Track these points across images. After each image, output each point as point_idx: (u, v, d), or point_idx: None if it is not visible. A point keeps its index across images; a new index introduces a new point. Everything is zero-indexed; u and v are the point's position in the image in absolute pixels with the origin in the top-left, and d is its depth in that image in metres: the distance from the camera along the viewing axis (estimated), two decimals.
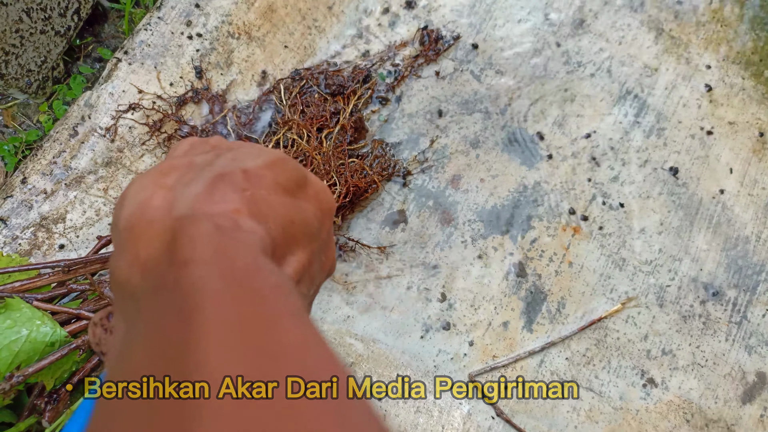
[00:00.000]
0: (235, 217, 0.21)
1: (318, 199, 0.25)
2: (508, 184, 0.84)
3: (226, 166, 0.23)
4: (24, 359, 0.54)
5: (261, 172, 0.23)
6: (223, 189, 0.22)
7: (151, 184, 0.22)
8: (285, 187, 0.23)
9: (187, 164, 0.23)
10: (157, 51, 0.76)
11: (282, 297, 0.18)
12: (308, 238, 0.24)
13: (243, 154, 0.24)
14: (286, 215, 0.23)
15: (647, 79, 0.90)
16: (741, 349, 0.80)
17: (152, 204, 0.21)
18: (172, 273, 0.18)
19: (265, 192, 0.22)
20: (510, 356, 0.77)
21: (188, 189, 0.21)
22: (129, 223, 0.21)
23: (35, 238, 0.67)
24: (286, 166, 0.24)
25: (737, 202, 0.86)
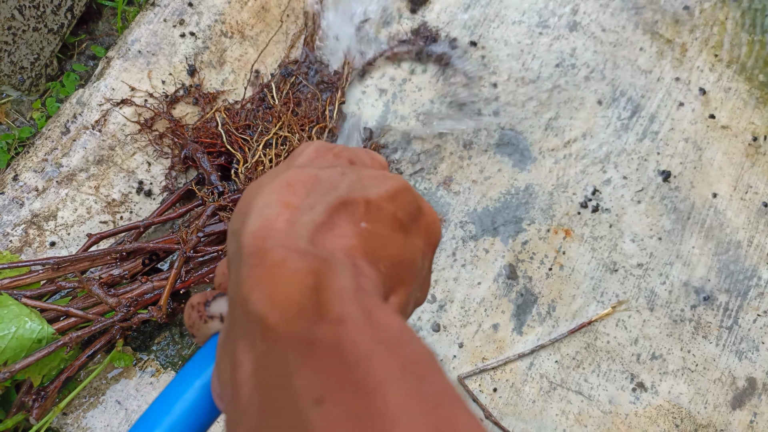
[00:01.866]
0: (353, 257, 0.21)
1: (428, 231, 0.25)
2: (500, 186, 0.84)
3: (350, 192, 0.23)
4: (11, 356, 0.54)
5: (382, 204, 0.23)
6: (343, 220, 0.22)
7: (277, 201, 0.22)
8: (401, 223, 0.24)
9: (312, 179, 0.23)
10: (150, 49, 0.77)
11: (439, 372, 0.18)
12: (412, 276, 0.24)
13: (368, 177, 0.24)
14: (397, 256, 0.23)
15: (641, 82, 0.90)
16: (731, 354, 0.80)
17: (277, 226, 0.21)
18: (327, 330, 0.18)
19: (382, 228, 0.23)
20: (499, 358, 0.77)
21: (311, 214, 0.22)
22: (256, 242, 0.21)
23: (26, 236, 0.67)
24: (407, 197, 0.24)
25: (729, 206, 0.86)
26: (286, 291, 0.19)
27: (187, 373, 0.24)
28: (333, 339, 0.17)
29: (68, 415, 0.62)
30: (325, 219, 0.21)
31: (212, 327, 0.25)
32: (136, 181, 0.72)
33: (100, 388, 0.65)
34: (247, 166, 0.70)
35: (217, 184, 0.68)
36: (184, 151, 0.71)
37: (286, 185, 0.23)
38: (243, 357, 0.19)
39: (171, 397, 0.23)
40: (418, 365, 0.17)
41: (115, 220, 0.70)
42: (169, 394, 0.23)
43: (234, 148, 0.72)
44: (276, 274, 0.19)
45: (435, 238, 0.26)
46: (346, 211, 0.22)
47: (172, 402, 0.23)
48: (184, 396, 0.23)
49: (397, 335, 0.18)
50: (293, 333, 0.18)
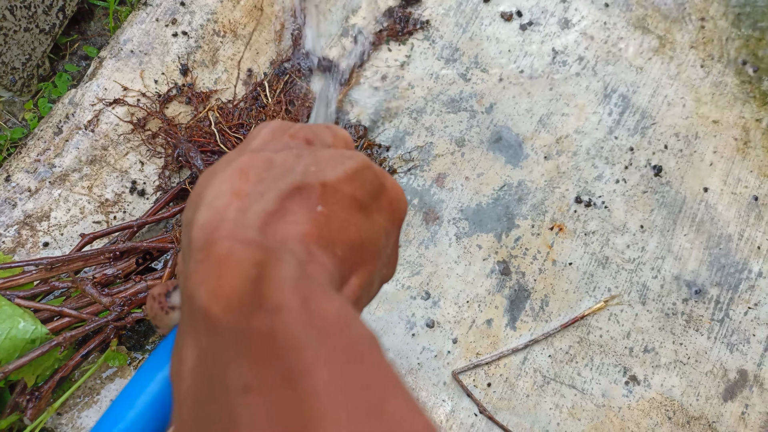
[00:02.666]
0: (306, 244, 0.21)
1: (391, 208, 0.25)
2: (493, 182, 0.85)
3: (305, 176, 0.22)
4: (4, 356, 0.55)
5: (340, 186, 0.23)
6: (297, 206, 0.21)
7: (228, 190, 0.22)
8: (361, 203, 0.23)
9: (265, 164, 0.23)
10: (142, 49, 0.77)
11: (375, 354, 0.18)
12: (373, 256, 0.24)
13: (324, 159, 0.23)
14: (356, 237, 0.23)
15: (632, 78, 0.91)
16: (723, 346, 0.81)
17: (227, 216, 0.21)
18: (262, 319, 0.18)
19: (340, 210, 0.22)
20: (493, 354, 0.78)
21: (262, 202, 0.21)
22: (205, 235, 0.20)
23: (19, 236, 0.68)
24: (366, 177, 0.24)
25: (720, 200, 0.86)
26: (228, 284, 0.19)
27: (150, 366, 0.24)
28: (268, 328, 0.17)
29: (63, 415, 0.62)
30: (277, 206, 0.21)
31: (174, 318, 0.25)
32: (129, 180, 0.73)
33: (94, 388, 0.65)
34: None
35: None
36: (177, 151, 0.71)
37: (239, 172, 0.22)
38: (187, 352, 0.19)
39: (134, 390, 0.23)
40: (353, 349, 0.17)
41: (109, 220, 0.70)
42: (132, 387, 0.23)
43: (227, 147, 0.72)
44: (220, 268, 0.19)
45: (399, 214, 0.26)
46: (301, 197, 0.22)
47: (135, 395, 0.23)
48: (147, 389, 0.23)
49: (335, 321, 0.18)
50: (233, 325, 0.18)
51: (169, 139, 0.72)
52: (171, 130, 0.72)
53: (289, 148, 0.24)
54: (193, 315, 0.19)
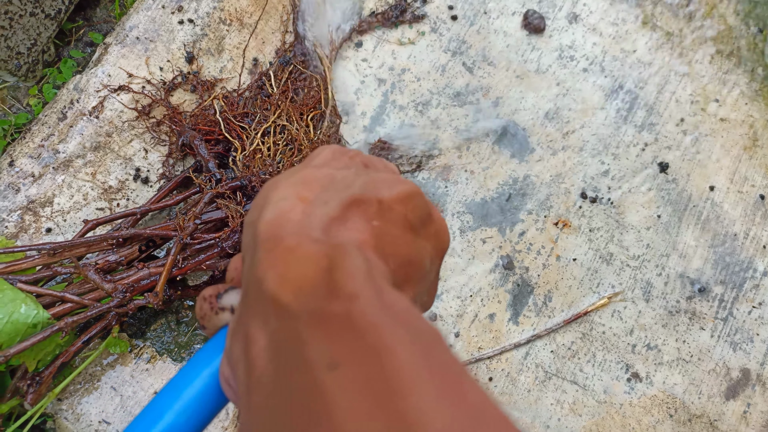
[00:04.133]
0: (364, 250, 0.22)
1: (437, 238, 0.26)
2: (498, 176, 0.84)
3: (364, 191, 0.24)
4: (6, 340, 0.54)
5: (394, 205, 0.24)
6: (356, 216, 0.23)
7: (293, 195, 0.23)
8: (412, 224, 0.24)
9: (327, 178, 0.24)
10: (148, 36, 0.76)
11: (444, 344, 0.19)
12: (418, 279, 0.25)
13: (380, 179, 0.25)
14: (406, 255, 0.24)
15: (640, 74, 0.90)
16: (726, 345, 0.81)
17: (292, 217, 0.22)
18: (339, 305, 0.18)
19: (393, 227, 0.23)
20: (495, 348, 0.78)
21: (325, 208, 0.22)
22: (272, 230, 0.21)
23: (22, 221, 0.67)
24: (418, 202, 0.25)
25: (726, 198, 0.86)
26: (300, 271, 0.20)
27: (197, 363, 0.25)
28: (345, 312, 0.18)
29: (63, 401, 0.62)
30: (339, 213, 0.22)
31: (222, 318, 0.25)
32: (133, 168, 0.72)
33: (95, 374, 0.65)
34: (245, 153, 0.70)
35: (214, 171, 0.68)
36: (181, 139, 0.70)
37: (302, 182, 0.24)
38: (257, 334, 0.20)
39: (180, 384, 0.24)
40: (426, 337, 0.18)
41: (112, 207, 0.70)
42: (179, 381, 0.24)
43: (232, 136, 0.71)
44: (290, 257, 0.20)
45: (443, 245, 0.27)
46: (359, 209, 0.23)
47: (181, 389, 0.24)
48: (193, 384, 0.24)
49: (406, 312, 0.19)
50: (306, 309, 0.19)
51: (174, 127, 0.72)
52: (176, 117, 0.71)
53: (348, 168, 0.26)
54: (260, 300, 0.20)
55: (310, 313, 0.19)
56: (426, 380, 0.16)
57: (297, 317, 0.19)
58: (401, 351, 0.17)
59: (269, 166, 0.69)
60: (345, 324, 0.18)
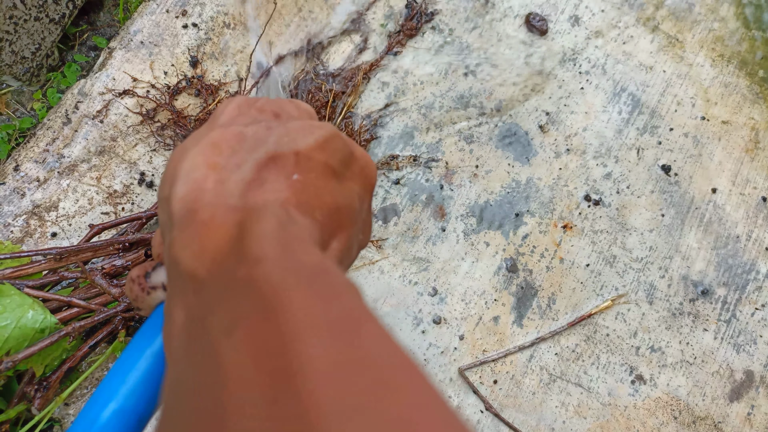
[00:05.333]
0: (286, 208, 0.21)
1: (362, 175, 0.26)
2: (501, 179, 0.84)
3: (278, 146, 0.23)
4: (13, 345, 0.54)
5: (312, 153, 0.23)
6: (274, 174, 0.22)
7: (203, 163, 0.22)
8: (334, 170, 0.24)
9: (237, 137, 0.23)
10: (152, 40, 0.76)
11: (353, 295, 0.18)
12: (350, 221, 0.24)
13: (295, 129, 0.24)
14: (333, 203, 0.23)
15: (642, 77, 0.90)
16: (729, 347, 0.81)
17: (206, 187, 0.21)
18: (244, 270, 0.18)
19: (315, 177, 0.23)
20: (500, 351, 0.78)
21: (239, 172, 0.22)
22: (186, 206, 0.21)
23: (27, 226, 0.67)
24: (337, 144, 0.24)
25: (729, 201, 0.86)
26: (211, 244, 0.19)
27: (137, 343, 0.24)
28: (247, 276, 0.18)
29: (70, 406, 0.62)
30: (255, 176, 0.21)
31: (156, 297, 0.25)
32: (137, 172, 0.72)
33: (101, 379, 0.65)
34: None
35: None
36: None
37: (211, 146, 0.22)
38: (177, 313, 0.20)
39: (124, 367, 0.24)
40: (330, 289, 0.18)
41: (117, 211, 0.70)
42: (122, 364, 0.24)
43: None
44: (203, 231, 0.20)
45: (370, 180, 0.26)
46: (276, 166, 0.22)
47: (125, 372, 0.23)
48: (137, 365, 0.24)
49: (313, 268, 0.18)
50: (217, 280, 0.19)
51: (179, 131, 0.72)
52: (180, 122, 0.71)
53: (258, 122, 0.25)
54: (179, 279, 0.20)
55: (218, 283, 0.19)
56: (319, 329, 0.16)
57: (208, 289, 0.19)
58: (298, 306, 0.16)
59: None
60: (246, 288, 0.17)
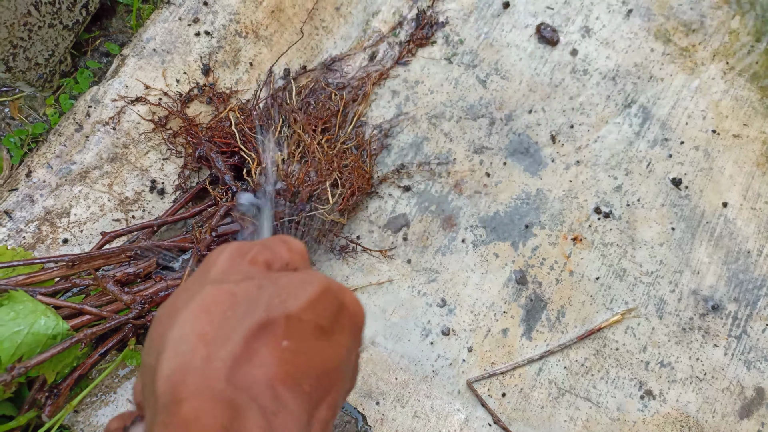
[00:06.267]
0: (273, 387, 0.21)
1: (352, 324, 0.26)
2: (511, 190, 0.84)
3: (269, 309, 0.23)
4: (26, 351, 0.54)
5: (303, 315, 0.23)
6: (263, 344, 0.22)
7: (193, 333, 0.22)
8: (323, 329, 0.24)
9: (228, 298, 0.23)
10: (165, 48, 0.77)
11: None
12: (339, 380, 0.24)
13: (286, 286, 0.24)
14: (321, 366, 0.23)
15: (653, 89, 0.90)
16: (740, 363, 0.80)
17: (193, 365, 0.21)
18: None
19: (304, 341, 0.23)
20: (509, 364, 0.77)
21: (229, 346, 0.21)
22: (171, 390, 0.20)
23: (39, 232, 0.67)
24: (327, 300, 0.24)
25: (740, 215, 0.86)
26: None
27: None
28: None
29: (80, 413, 0.62)
30: (243, 349, 0.21)
31: None
32: (149, 179, 0.72)
33: (111, 387, 0.65)
34: (261, 167, 0.70)
35: (231, 184, 0.68)
36: (198, 151, 0.71)
37: (202, 310, 0.22)
38: None
39: None
40: None
41: (128, 218, 0.70)
42: None
43: (247, 148, 0.72)
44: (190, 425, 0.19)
45: (359, 326, 0.26)
46: (266, 334, 0.22)
47: None
48: None
49: None
50: None
51: (190, 139, 0.72)
52: (192, 129, 0.72)
53: (250, 278, 0.24)
54: None
55: None
56: None
57: None
58: None
59: (283, 177, 0.69)
60: None
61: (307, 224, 0.71)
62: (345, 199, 0.73)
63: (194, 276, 0.26)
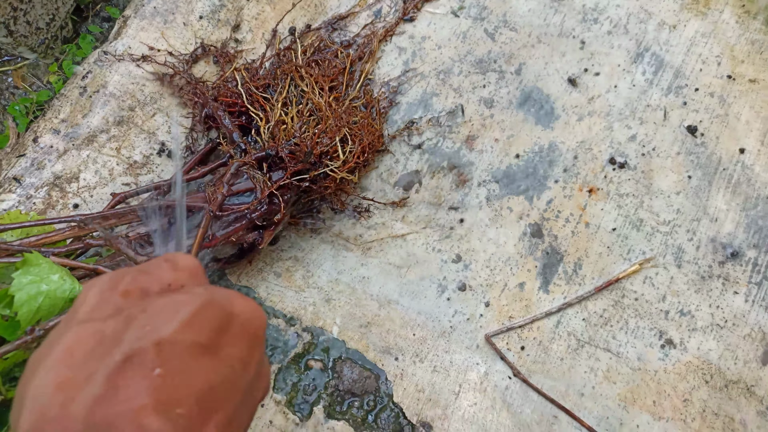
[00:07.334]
0: (139, 421, 0.20)
1: (244, 332, 0.24)
2: (524, 144, 0.83)
3: (137, 341, 0.21)
4: (44, 314, 0.54)
5: (177, 337, 0.22)
6: (130, 378, 0.20)
7: (52, 382, 0.20)
8: (204, 346, 0.22)
9: (93, 338, 0.22)
10: (167, 8, 0.75)
11: None
12: (229, 396, 0.23)
13: (157, 313, 0.22)
14: (204, 385, 0.22)
15: (665, 36, 0.88)
16: (761, 309, 0.79)
17: (50, 415, 0.20)
18: None
19: (181, 362, 0.21)
20: (526, 317, 0.77)
21: (90, 388, 0.20)
22: None
23: (49, 197, 0.67)
24: (206, 315, 0.23)
25: (757, 161, 0.84)
26: None
27: None
28: None
29: None
30: (105, 388, 0.20)
31: None
32: (157, 142, 0.71)
33: None
34: (269, 125, 0.69)
35: (239, 141, 0.67)
36: (204, 110, 0.69)
37: (64, 355, 0.21)
38: None
39: None
40: None
41: (138, 182, 0.69)
42: None
43: (255, 107, 0.70)
44: None
45: (256, 332, 0.25)
46: (133, 366, 0.21)
47: None
48: None
49: None
50: None
51: (197, 99, 0.71)
52: (198, 89, 0.70)
53: (120, 312, 0.23)
54: None
55: None
56: None
57: None
58: None
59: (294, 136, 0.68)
60: None
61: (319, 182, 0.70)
62: (355, 156, 0.72)
63: (63, 319, 0.24)
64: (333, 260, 0.76)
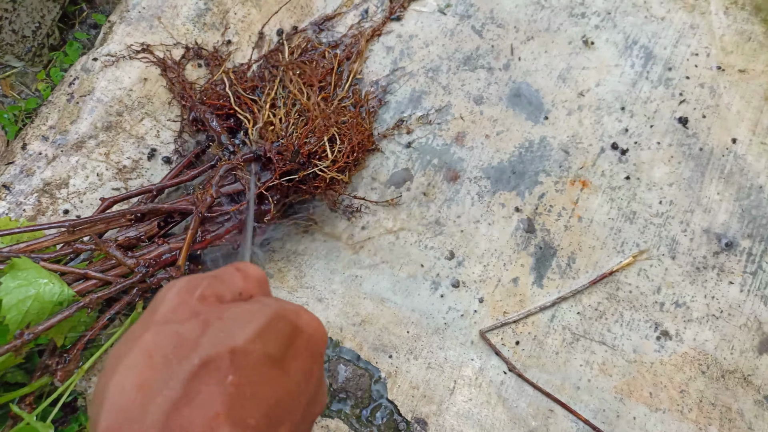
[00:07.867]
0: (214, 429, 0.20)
1: (309, 347, 0.25)
2: (514, 139, 0.83)
3: (213, 346, 0.22)
4: (33, 318, 0.54)
5: (250, 346, 0.22)
6: (205, 383, 0.21)
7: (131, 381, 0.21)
8: (273, 358, 0.23)
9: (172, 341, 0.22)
10: (152, 12, 0.75)
11: None
12: (291, 411, 0.23)
13: (233, 320, 0.23)
14: (272, 397, 0.22)
15: (653, 29, 0.88)
16: (756, 299, 0.79)
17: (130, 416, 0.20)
18: None
19: (252, 373, 0.22)
20: (521, 312, 0.76)
21: (167, 391, 0.21)
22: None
23: (39, 204, 0.67)
24: (277, 327, 0.23)
25: (749, 151, 0.84)
26: None
27: None
28: None
29: (91, 379, 0.62)
30: (183, 392, 0.21)
31: None
32: (146, 146, 0.71)
33: None
34: (258, 126, 0.69)
35: (227, 144, 0.67)
36: (192, 114, 0.69)
37: (144, 356, 0.22)
38: None
39: None
40: None
41: (127, 187, 0.69)
42: None
43: (243, 109, 0.70)
44: None
45: (318, 348, 0.25)
46: (209, 371, 0.21)
47: None
48: None
49: None
50: None
51: (185, 103, 0.71)
52: (185, 93, 0.71)
53: (196, 315, 0.24)
54: None
55: None
56: None
57: None
58: None
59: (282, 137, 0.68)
60: None
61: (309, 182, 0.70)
62: (345, 155, 0.72)
63: (142, 317, 0.25)
64: (325, 259, 0.76)
